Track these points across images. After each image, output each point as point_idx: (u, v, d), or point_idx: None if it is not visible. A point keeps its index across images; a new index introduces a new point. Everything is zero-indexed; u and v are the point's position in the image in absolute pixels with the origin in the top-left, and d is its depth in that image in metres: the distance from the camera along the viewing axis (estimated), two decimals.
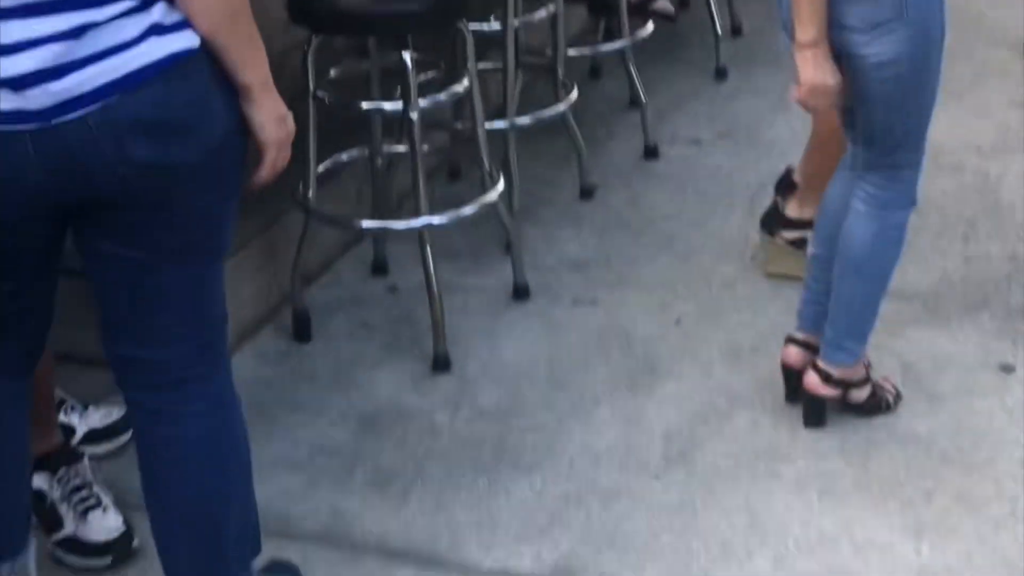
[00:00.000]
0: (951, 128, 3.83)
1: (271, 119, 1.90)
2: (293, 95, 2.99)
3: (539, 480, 2.62)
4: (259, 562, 2.22)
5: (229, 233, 1.98)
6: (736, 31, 4.48)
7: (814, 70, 2.41)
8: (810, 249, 2.78)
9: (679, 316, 3.11)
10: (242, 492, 2.10)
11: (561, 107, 3.48)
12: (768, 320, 3.07)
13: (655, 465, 2.65)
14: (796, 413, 2.73)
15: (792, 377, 2.75)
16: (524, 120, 3.40)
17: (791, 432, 2.71)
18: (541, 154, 3.78)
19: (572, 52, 3.72)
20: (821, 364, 2.68)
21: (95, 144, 1.77)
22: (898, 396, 2.76)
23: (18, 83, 1.74)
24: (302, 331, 3.06)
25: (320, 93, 2.90)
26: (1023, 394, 2.78)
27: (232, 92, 1.86)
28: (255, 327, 3.10)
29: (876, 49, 2.41)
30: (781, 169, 3.26)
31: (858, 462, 2.62)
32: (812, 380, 2.69)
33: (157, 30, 1.77)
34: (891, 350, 2.93)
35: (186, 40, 1.79)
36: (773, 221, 3.21)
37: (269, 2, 3.23)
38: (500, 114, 3.37)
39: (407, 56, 2.79)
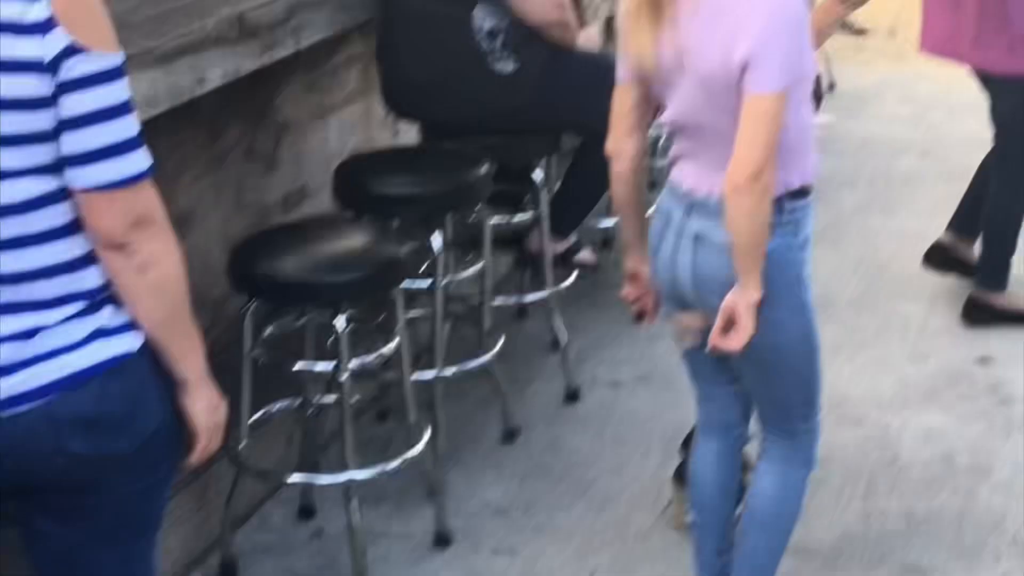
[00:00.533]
0: (853, 380, 4.07)
1: (205, 409, 2.06)
2: (229, 343, 3.17)
3: None
4: None
5: (161, 513, 2.10)
6: (651, 185, 4.72)
7: (754, 323, 2.53)
8: (688, 517, 2.94)
9: (594, 568, 3.24)
10: None
11: (485, 357, 3.66)
12: (681, 574, 3.21)
13: None
14: None
15: None
16: (450, 371, 3.57)
17: None
18: (467, 395, 3.94)
19: (498, 301, 3.92)
20: None
21: (36, 437, 1.90)
22: None
23: None
24: None
25: (255, 352, 3.06)
26: None
27: (168, 385, 2.02)
28: (183, 573, 3.19)
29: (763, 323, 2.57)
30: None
31: None
32: None
33: (102, 333, 1.93)
34: None
35: (127, 343, 1.95)
36: (683, 475, 3.38)
37: (208, 254, 3.43)
38: (429, 362, 3.55)
39: (340, 320, 2.97)
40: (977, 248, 4.46)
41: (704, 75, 2.47)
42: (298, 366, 3.14)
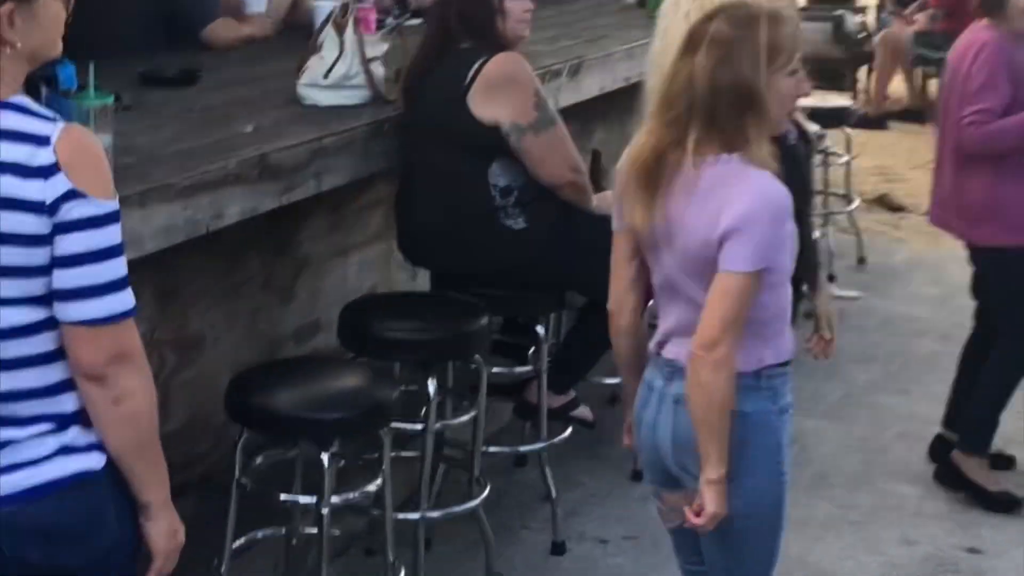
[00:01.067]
0: (840, 559, 4.09)
1: (164, 533, 2.18)
2: (226, 468, 3.27)
3: None
4: None
5: None
6: None
7: (721, 502, 2.59)
8: None
9: None
10: None
11: (473, 503, 3.74)
12: None
13: None
14: None
15: None
16: (435, 514, 3.66)
17: None
18: (455, 539, 4.01)
19: (493, 449, 4.02)
20: None
21: None
22: None
23: None
24: None
25: (243, 480, 3.17)
26: None
27: (128, 506, 2.13)
28: None
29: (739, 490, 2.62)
30: None
31: None
32: None
33: (67, 451, 2.06)
34: None
35: (91, 462, 2.07)
36: None
37: (217, 380, 3.56)
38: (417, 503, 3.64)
39: (325, 457, 3.08)
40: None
41: (689, 247, 2.60)
42: (283, 497, 3.24)
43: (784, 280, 2.66)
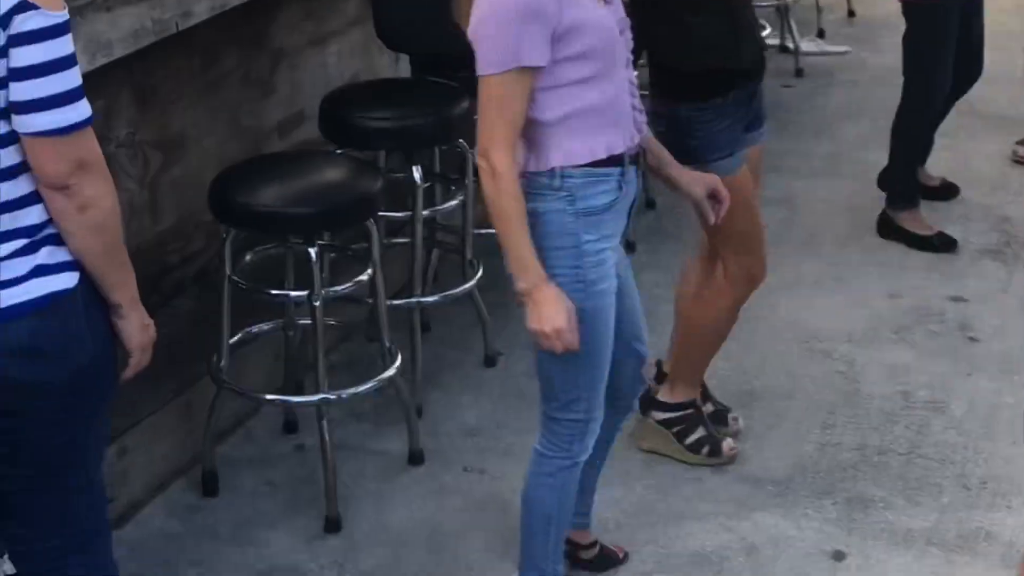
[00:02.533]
0: (827, 315, 4.19)
1: (136, 329, 2.25)
2: (219, 266, 3.33)
3: None
4: None
5: (99, 445, 2.28)
6: (650, 204, 4.82)
7: (541, 319, 2.54)
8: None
9: None
10: None
11: (466, 285, 3.81)
12: (636, 495, 3.38)
13: None
14: None
15: None
16: (430, 299, 3.74)
17: None
18: (454, 318, 4.11)
19: (485, 231, 4.05)
20: None
21: None
22: None
23: None
24: (210, 488, 3.36)
25: (235, 277, 3.23)
26: None
27: (101, 319, 2.19)
28: (168, 481, 3.40)
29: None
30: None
31: None
32: None
33: (42, 271, 2.10)
34: (739, 532, 3.24)
35: (64, 281, 2.12)
36: (646, 403, 3.53)
37: (202, 178, 3.58)
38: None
39: (313, 251, 3.13)
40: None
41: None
42: (274, 292, 3.30)
43: (572, 79, 2.52)
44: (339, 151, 3.59)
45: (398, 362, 3.41)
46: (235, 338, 3.38)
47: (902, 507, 3.33)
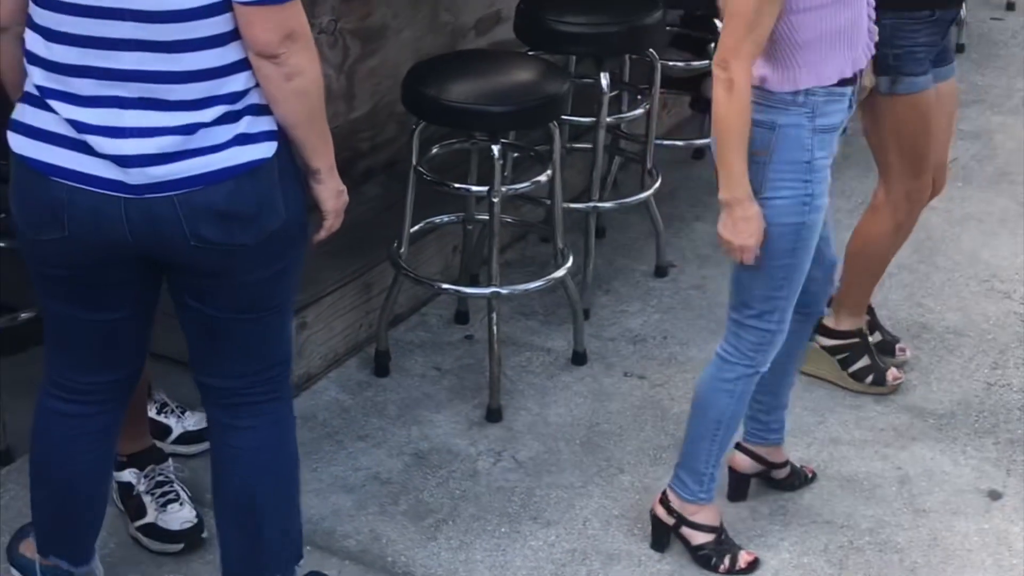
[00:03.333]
0: (1012, 255, 4.10)
1: (332, 194, 2.39)
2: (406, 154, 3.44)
3: (553, 534, 3.01)
4: (301, 569, 2.67)
5: (289, 295, 2.43)
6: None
7: (726, 223, 2.61)
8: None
9: None
10: (285, 503, 2.55)
11: (643, 194, 3.86)
12: (794, 415, 3.40)
13: None
14: (777, 507, 3.08)
15: (736, 479, 3.09)
16: (606, 204, 3.80)
17: (783, 521, 3.05)
18: (630, 227, 4.16)
19: (667, 143, 4.09)
20: (667, 489, 2.93)
21: (175, 221, 2.23)
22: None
23: (124, 161, 2.20)
24: (381, 367, 3.51)
25: (420, 168, 3.34)
26: (1001, 521, 3.08)
27: (296, 188, 2.31)
28: (344, 357, 3.56)
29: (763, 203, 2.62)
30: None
31: (837, 562, 2.95)
32: (655, 499, 2.96)
33: (242, 139, 2.23)
34: (894, 461, 3.25)
35: (263, 151, 2.25)
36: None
37: (399, 69, 3.68)
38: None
39: (495, 149, 3.21)
40: None
41: None
42: (456, 186, 3.40)
43: (822, 3, 2.54)
44: (531, 52, 3.65)
45: (569, 263, 3.49)
46: (416, 227, 3.50)
47: None
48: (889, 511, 3.10)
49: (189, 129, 2.20)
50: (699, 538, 2.92)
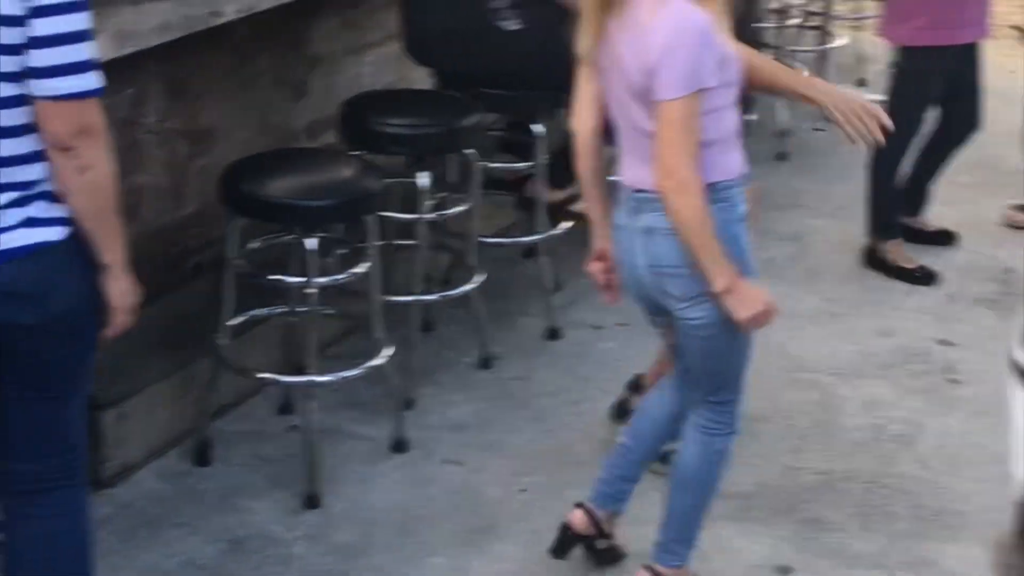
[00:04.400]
0: (817, 347, 4.32)
1: (120, 292, 2.48)
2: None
3: None
4: None
5: (80, 382, 2.51)
6: None
7: (748, 306, 2.80)
8: (620, 438, 3.25)
9: (526, 485, 3.59)
10: None
11: (465, 287, 4.02)
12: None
13: None
14: None
15: (566, 535, 3.23)
16: (429, 297, 3.95)
17: None
18: (459, 320, 4.30)
19: (491, 240, 4.27)
20: (653, 565, 3.12)
21: None
22: None
23: None
24: (203, 456, 3.58)
25: (238, 262, 3.46)
26: None
27: (89, 278, 2.41)
28: (164, 448, 3.61)
29: (693, 315, 2.86)
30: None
31: None
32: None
33: (31, 223, 2.34)
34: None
35: (50, 234, 2.35)
36: (622, 413, 3.69)
37: None
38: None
39: (309, 244, 3.35)
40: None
41: (629, 81, 2.77)
42: (271, 277, 3.52)
43: (719, 105, 2.77)
44: (354, 154, 3.81)
45: (388, 352, 3.61)
46: (240, 320, 3.61)
47: (855, 531, 3.46)
48: None
49: None
50: None
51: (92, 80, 2.32)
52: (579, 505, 3.24)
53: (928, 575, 3.30)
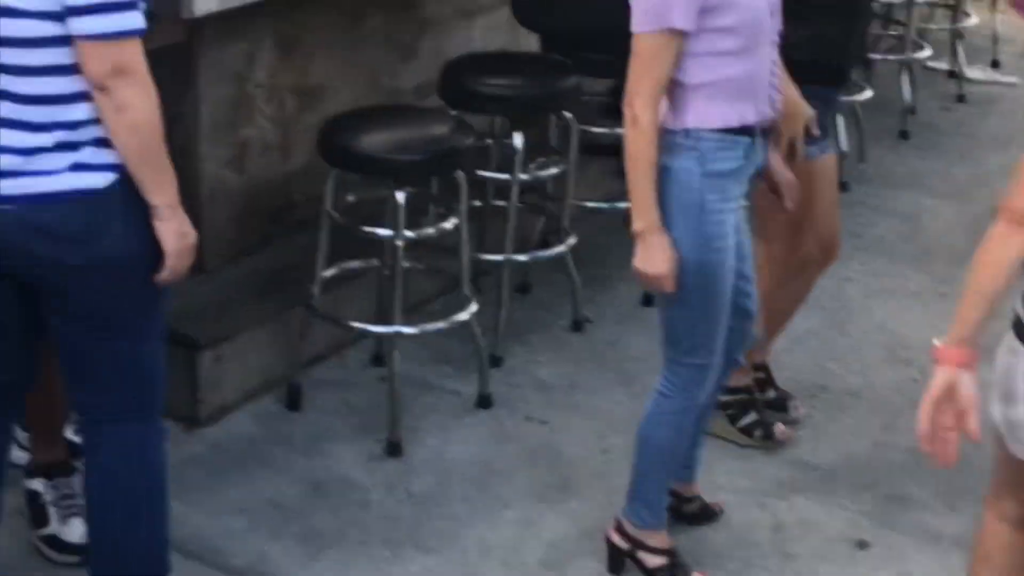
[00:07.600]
0: (919, 326, 4.24)
1: (173, 234, 2.49)
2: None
3: (433, 561, 3.16)
4: None
5: (142, 325, 2.57)
6: None
7: (642, 256, 2.78)
8: None
9: (608, 447, 3.61)
10: (147, 518, 2.69)
11: (557, 249, 4.05)
12: None
13: (532, 568, 3.16)
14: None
15: None
16: (519, 258, 3.99)
17: None
18: (555, 283, 4.32)
19: (590, 205, 4.29)
20: (620, 514, 3.10)
21: (11, 234, 2.40)
22: None
23: None
24: (293, 401, 3.68)
25: (332, 213, 3.54)
26: (866, 569, 3.20)
27: (141, 221, 2.45)
28: (258, 392, 3.72)
29: None
30: None
31: None
32: (610, 527, 3.11)
33: (78, 167, 2.40)
34: (770, 509, 3.38)
35: (98, 180, 2.41)
36: None
37: None
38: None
39: (399, 196, 3.41)
40: None
41: None
42: (365, 228, 3.59)
43: (712, 50, 2.72)
44: (453, 113, 3.86)
45: (473, 308, 3.66)
46: (333, 272, 3.69)
47: (939, 510, 3.40)
48: (758, 555, 3.23)
49: (29, 151, 2.38)
50: (654, 561, 3.07)
51: (131, 20, 2.34)
52: None
53: None
